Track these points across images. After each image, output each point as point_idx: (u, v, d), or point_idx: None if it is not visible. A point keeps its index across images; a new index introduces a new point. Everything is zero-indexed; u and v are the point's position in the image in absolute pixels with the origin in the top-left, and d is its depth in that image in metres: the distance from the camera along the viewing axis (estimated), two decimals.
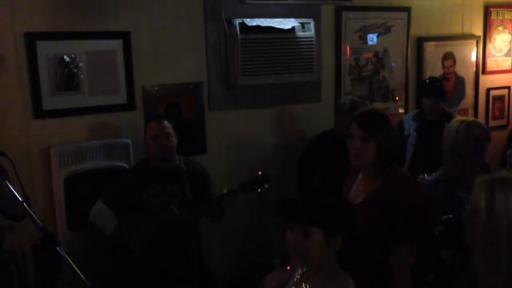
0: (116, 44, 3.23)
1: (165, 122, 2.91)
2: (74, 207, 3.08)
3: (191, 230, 2.95)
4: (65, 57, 3.09)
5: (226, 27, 3.49)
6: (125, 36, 3.24)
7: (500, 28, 4.93)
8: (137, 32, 3.28)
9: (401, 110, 4.41)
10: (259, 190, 2.80)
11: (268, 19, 3.54)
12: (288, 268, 1.73)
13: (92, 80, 3.18)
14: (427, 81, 4.05)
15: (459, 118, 2.76)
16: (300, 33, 3.62)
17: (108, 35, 3.20)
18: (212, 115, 3.61)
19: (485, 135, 2.53)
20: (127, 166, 3.18)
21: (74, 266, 2.15)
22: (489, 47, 4.89)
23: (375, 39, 4.20)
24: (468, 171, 2.37)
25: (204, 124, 3.59)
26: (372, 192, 2.11)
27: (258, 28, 3.47)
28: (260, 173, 2.83)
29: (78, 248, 2.96)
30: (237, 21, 3.45)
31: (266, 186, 2.81)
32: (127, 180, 2.95)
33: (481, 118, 4.91)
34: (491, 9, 4.82)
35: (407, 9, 4.31)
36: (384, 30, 4.23)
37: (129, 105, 3.32)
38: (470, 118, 2.92)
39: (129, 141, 3.23)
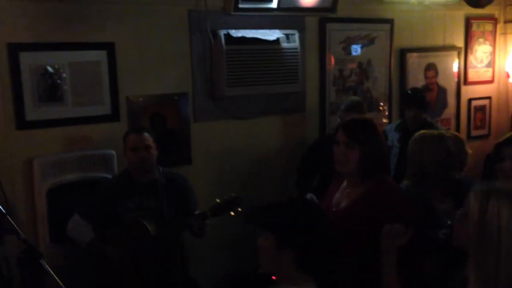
0: (100, 55, 3.22)
1: (145, 134, 2.86)
2: (57, 219, 3.04)
3: (173, 242, 2.89)
4: (48, 68, 3.06)
5: (211, 38, 3.50)
6: (109, 47, 3.23)
7: (481, 40, 5.02)
8: (121, 43, 3.27)
9: (385, 120, 4.46)
10: (232, 213, 2.72)
11: (253, 30, 3.56)
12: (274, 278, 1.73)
13: (76, 91, 3.16)
14: (410, 92, 4.10)
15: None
16: (284, 44, 3.64)
17: (92, 46, 3.19)
18: (197, 126, 3.61)
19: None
20: (111, 178, 3.15)
21: (57, 278, 2.13)
22: (470, 58, 4.98)
23: (359, 50, 4.25)
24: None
25: (189, 135, 3.58)
26: (355, 199, 2.12)
27: (243, 39, 3.49)
28: (233, 195, 2.75)
29: (60, 260, 2.92)
30: (222, 32, 3.46)
31: (239, 209, 2.72)
32: (104, 192, 2.89)
33: (463, 128, 4.99)
34: (472, 21, 4.91)
35: (390, 21, 4.37)
36: (367, 42, 4.28)
37: (114, 116, 3.30)
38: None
39: (113, 152, 3.20)
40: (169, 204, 2.83)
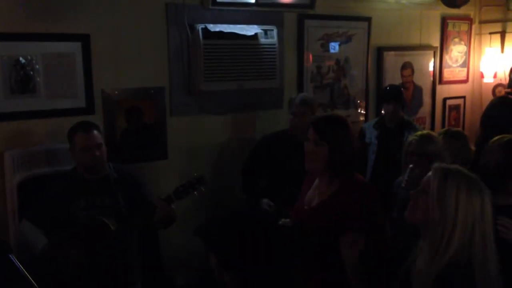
0: (74, 47, 3.16)
1: (94, 131, 2.69)
2: None
3: (148, 237, 2.84)
4: (20, 59, 3.00)
5: (189, 32, 3.47)
6: (84, 39, 3.18)
7: (456, 40, 5.10)
8: (97, 35, 3.22)
9: (362, 118, 4.49)
10: (195, 193, 2.65)
11: (231, 25, 3.55)
12: None
13: (49, 83, 3.10)
14: (388, 87, 4.14)
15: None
16: (263, 40, 3.63)
17: (66, 38, 3.13)
18: (173, 120, 3.58)
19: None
20: (58, 178, 2.91)
21: (27, 274, 2.09)
22: (446, 57, 5.06)
23: (336, 47, 4.27)
24: None
25: (166, 129, 3.55)
26: (326, 197, 2.13)
27: (221, 33, 3.47)
28: (195, 175, 2.69)
29: (31, 255, 2.86)
30: (200, 26, 3.44)
31: (202, 189, 2.66)
32: (52, 194, 2.71)
33: (437, 127, 5.06)
34: (448, 21, 4.98)
35: (368, 19, 4.40)
36: (345, 39, 4.31)
37: (88, 109, 3.24)
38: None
39: None
40: (124, 199, 2.72)
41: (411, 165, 2.68)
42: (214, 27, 3.47)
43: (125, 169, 2.84)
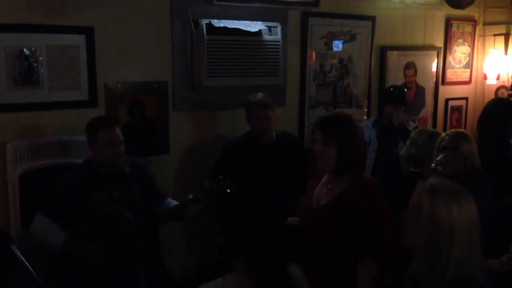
0: (79, 39, 3.16)
1: (117, 128, 2.75)
2: (29, 204, 2.98)
3: (149, 230, 2.85)
4: (24, 50, 3.00)
5: (193, 27, 3.47)
6: (88, 32, 3.18)
7: (460, 41, 5.09)
8: (101, 28, 3.22)
9: (364, 117, 4.49)
10: (228, 190, 2.64)
11: (235, 21, 3.54)
12: None
13: (53, 75, 3.11)
14: (391, 89, 4.12)
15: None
16: (266, 37, 3.63)
17: (71, 30, 3.13)
18: (176, 115, 3.58)
19: None
20: (71, 173, 2.95)
21: (27, 264, 2.10)
22: (449, 58, 5.05)
23: (340, 46, 4.27)
24: None
25: (168, 124, 3.55)
26: (336, 195, 2.13)
27: (225, 29, 3.47)
28: (221, 177, 2.67)
29: (32, 246, 2.87)
30: (204, 22, 3.44)
31: (228, 190, 2.65)
32: (68, 188, 2.69)
33: (439, 128, 5.06)
34: (452, 21, 4.97)
35: (372, 18, 4.40)
36: (349, 38, 4.30)
37: (91, 102, 3.25)
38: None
39: None
40: (139, 192, 2.76)
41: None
42: (218, 23, 3.47)
43: (136, 161, 2.89)
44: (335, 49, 4.25)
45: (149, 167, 2.97)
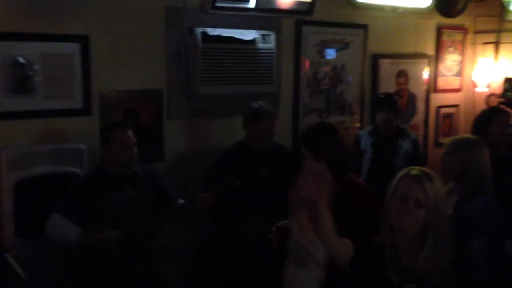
0: (73, 48, 3.17)
1: (130, 131, 2.86)
2: (24, 213, 2.97)
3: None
4: (19, 58, 3.00)
5: (188, 36, 3.49)
6: (83, 40, 3.18)
7: (451, 49, 5.16)
8: (96, 36, 3.23)
9: (357, 124, 4.53)
10: (238, 183, 2.84)
11: (230, 30, 3.57)
12: None
13: (48, 83, 3.11)
14: (381, 96, 4.18)
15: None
16: (260, 45, 3.66)
17: (65, 38, 3.14)
18: (170, 123, 3.59)
19: None
20: (80, 172, 3.09)
21: (21, 273, 2.10)
22: (440, 66, 5.11)
23: (333, 54, 4.31)
24: None
25: (162, 132, 3.56)
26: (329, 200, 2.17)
27: (219, 38, 3.49)
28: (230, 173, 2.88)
29: (26, 255, 2.85)
30: (199, 30, 3.45)
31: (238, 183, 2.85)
32: (84, 188, 2.81)
33: (431, 135, 5.12)
34: (443, 30, 5.04)
35: (364, 27, 4.45)
36: (342, 46, 4.34)
37: (85, 110, 3.25)
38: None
39: (83, 146, 3.16)
40: (152, 193, 2.90)
41: None
42: (212, 31, 3.49)
43: (148, 166, 3.03)
44: (328, 57, 4.29)
45: (161, 172, 3.12)
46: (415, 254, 1.83)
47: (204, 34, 3.45)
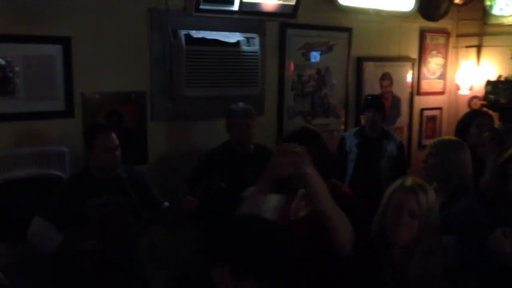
0: (55, 49, 3.14)
1: (113, 133, 2.83)
2: (4, 217, 2.93)
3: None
4: (0, 60, 2.96)
5: (172, 38, 3.48)
6: (65, 42, 3.15)
7: (434, 52, 5.21)
8: (78, 37, 3.20)
9: (342, 127, 4.55)
10: (223, 185, 2.82)
11: (214, 32, 3.57)
12: None
13: (29, 85, 3.07)
14: (369, 96, 4.20)
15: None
16: (245, 47, 3.66)
17: (47, 40, 3.10)
18: (154, 125, 3.57)
19: None
20: (63, 175, 3.06)
21: (2, 277, 2.06)
22: (424, 69, 5.16)
23: (317, 56, 4.33)
24: None
25: (146, 134, 3.54)
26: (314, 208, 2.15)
27: (203, 40, 3.48)
28: (216, 175, 2.86)
29: (7, 260, 2.81)
30: (183, 32, 3.45)
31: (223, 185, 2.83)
32: (67, 192, 2.77)
33: (414, 137, 5.16)
34: (426, 33, 5.09)
35: (349, 30, 4.47)
36: (326, 49, 4.36)
37: (67, 112, 3.22)
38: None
39: (65, 149, 3.13)
40: (136, 196, 2.87)
41: None
42: (196, 34, 3.48)
43: (132, 169, 3.00)
44: (312, 59, 4.31)
45: (145, 174, 3.07)
46: (407, 261, 1.85)
47: (188, 36, 3.45)
